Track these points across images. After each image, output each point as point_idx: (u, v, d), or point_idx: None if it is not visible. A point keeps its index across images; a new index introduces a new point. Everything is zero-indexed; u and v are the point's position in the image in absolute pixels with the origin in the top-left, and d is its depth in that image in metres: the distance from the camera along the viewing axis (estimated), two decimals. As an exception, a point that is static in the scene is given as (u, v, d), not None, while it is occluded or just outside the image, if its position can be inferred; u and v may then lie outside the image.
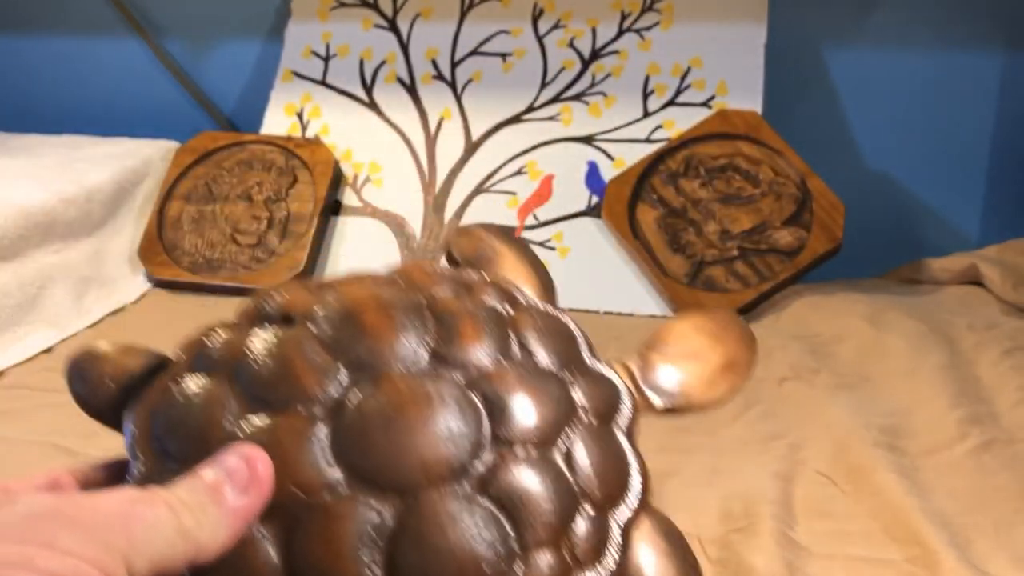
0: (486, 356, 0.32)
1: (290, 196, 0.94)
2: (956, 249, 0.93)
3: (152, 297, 0.90)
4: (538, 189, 0.92)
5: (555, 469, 0.31)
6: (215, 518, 0.26)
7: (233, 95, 1.16)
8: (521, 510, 0.29)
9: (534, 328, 0.35)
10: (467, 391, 0.31)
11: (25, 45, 1.23)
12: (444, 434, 0.29)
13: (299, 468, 0.28)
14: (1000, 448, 0.56)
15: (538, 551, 0.29)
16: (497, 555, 0.28)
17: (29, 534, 0.23)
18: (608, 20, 0.97)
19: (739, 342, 0.41)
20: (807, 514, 0.49)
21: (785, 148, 0.87)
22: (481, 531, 0.28)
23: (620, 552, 0.32)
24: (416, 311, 0.32)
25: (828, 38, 1.01)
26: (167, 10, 1.17)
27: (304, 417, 0.29)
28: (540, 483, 0.30)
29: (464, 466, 0.29)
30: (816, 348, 0.73)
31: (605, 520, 0.32)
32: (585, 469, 0.32)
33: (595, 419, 0.33)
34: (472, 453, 0.30)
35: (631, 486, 0.33)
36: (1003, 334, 0.72)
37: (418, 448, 0.29)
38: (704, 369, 0.39)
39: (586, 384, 0.34)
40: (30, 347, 0.75)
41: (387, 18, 1.03)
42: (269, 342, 0.31)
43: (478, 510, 0.29)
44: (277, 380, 0.30)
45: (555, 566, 0.29)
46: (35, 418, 0.63)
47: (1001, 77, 0.98)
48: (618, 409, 0.35)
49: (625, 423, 0.35)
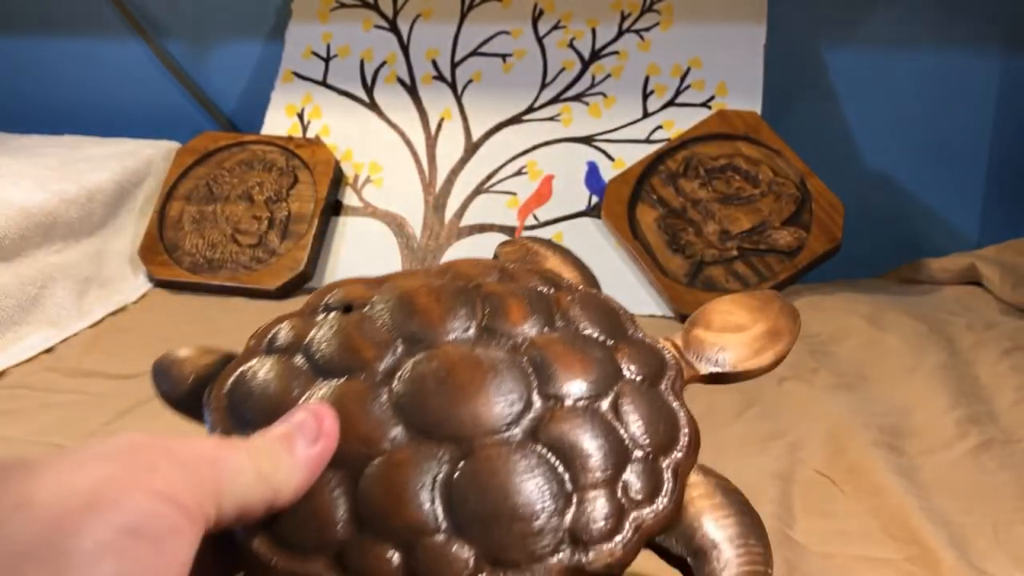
0: (532, 328, 0.35)
1: (291, 196, 0.94)
2: (955, 249, 0.93)
3: (153, 297, 0.90)
4: (538, 189, 0.92)
5: (603, 420, 0.32)
6: (289, 464, 0.28)
7: (234, 95, 1.17)
8: (572, 455, 0.31)
9: (578, 304, 0.37)
10: (514, 354, 0.33)
11: (26, 46, 1.23)
12: (494, 391, 0.31)
13: (362, 424, 0.30)
14: (999, 447, 0.56)
15: (592, 492, 0.30)
16: (552, 494, 0.30)
17: (134, 458, 0.24)
18: (608, 21, 0.98)
19: (781, 313, 0.42)
20: (806, 513, 0.49)
21: (784, 148, 0.87)
22: (534, 473, 0.30)
23: (674, 497, 0.32)
24: (465, 294, 0.35)
25: (827, 39, 1.01)
26: (168, 11, 1.17)
27: (365, 382, 0.32)
28: (589, 431, 0.31)
29: (515, 418, 0.31)
30: (815, 348, 0.73)
31: (658, 467, 0.32)
32: (634, 421, 0.33)
33: (641, 380, 0.35)
34: (522, 407, 0.32)
35: (680, 439, 0.34)
36: (1002, 334, 0.72)
37: (470, 403, 0.31)
38: (747, 337, 0.40)
39: (630, 350, 0.36)
40: (31, 347, 0.75)
41: (387, 19, 1.03)
42: (332, 326, 0.34)
43: (531, 455, 0.30)
44: (340, 354, 0.33)
45: (609, 507, 0.30)
46: (36, 418, 0.64)
47: (1000, 77, 0.98)
48: (664, 373, 0.36)
49: (672, 385, 0.36)
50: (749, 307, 0.42)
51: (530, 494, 0.29)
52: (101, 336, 0.79)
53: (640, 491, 0.31)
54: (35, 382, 0.70)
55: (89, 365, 0.73)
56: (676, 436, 0.34)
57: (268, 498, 0.27)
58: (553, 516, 0.29)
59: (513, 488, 0.29)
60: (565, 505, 0.30)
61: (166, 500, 0.23)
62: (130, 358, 0.74)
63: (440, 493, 0.29)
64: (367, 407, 0.31)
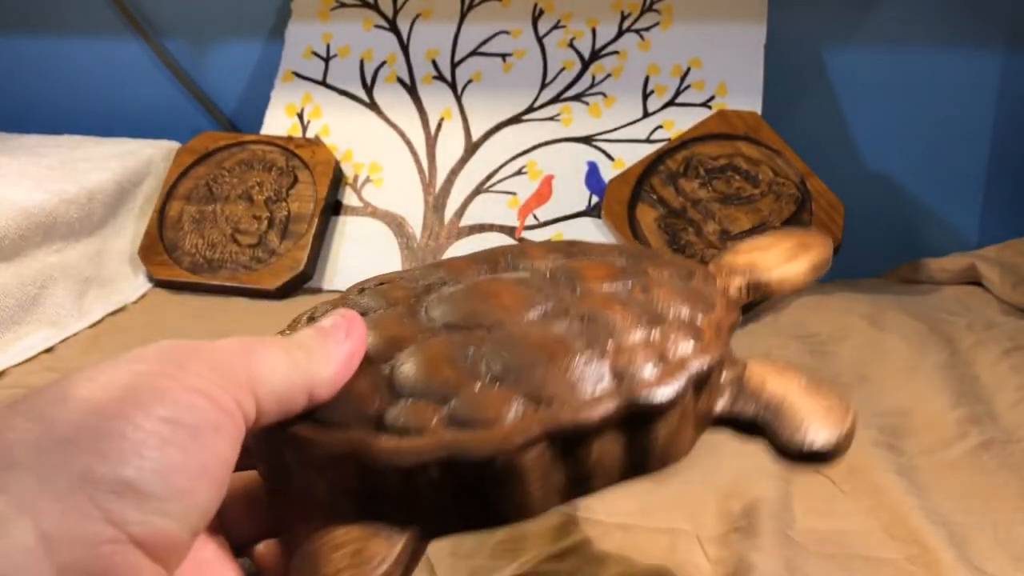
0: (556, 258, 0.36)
1: (291, 196, 0.94)
2: (955, 249, 0.93)
3: (153, 297, 0.90)
4: (538, 189, 0.92)
5: (634, 296, 0.32)
6: (322, 355, 0.28)
7: (234, 95, 1.17)
8: (606, 319, 0.30)
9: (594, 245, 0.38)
10: (540, 272, 0.34)
11: (25, 45, 1.23)
12: (523, 291, 0.32)
13: (400, 325, 0.31)
14: (999, 447, 0.56)
15: (631, 340, 0.30)
16: (589, 344, 0.29)
17: (167, 357, 0.24)
18: (608, 20, 0.98)
19: (809, 232, 0.41)
20: (806, 513, 0.49)
21: (784, 148, 0.87)
22: (570, 331, 0.30)
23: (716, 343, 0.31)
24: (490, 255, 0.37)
25: (828, 39, 1.01)
26: (168, 10, 1.17)
27: (401, 308, 0.33)
28: (621, 304, 0.31)
29: (542, 302, 0.32)
30: (815, 348, 0.73)
31: (695, 323, 0.32)
32: (664, 297, 0.32)
33: (670, 276, 0.35)
34: (548, 297, 0.32)
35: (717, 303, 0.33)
36: (1002, 334, 0.72)
37: (500, 301, 0.31)
38: (777, 250, 0.39)
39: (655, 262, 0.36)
40: (30, 347, 0.75)
41: (387, 19, 1.03)
42: (368, 289, 0.36)
43: (564, 321, 0.30)
44: (379, 297, 0.34)
45: (649, 352, 0.30)
46: (36, 417, 0.64)
47: (1000, 77, 0.98)
48: (693, 275, 0.36)
49: (703, 281, 0.35)
50: (777, 232, 0.41)
51: (566, 345, 0.29)
52: (101, 336, 0.79)
53: (679, 338, 0.30)
54: (35, 382, 0.70)
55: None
56: (712, 304, 0.33)
57: (306, 388, 0.27)
58: (593, 360, 0.29)
59: (550, 341, 0.29)
60: (603, 353, 0.29)
61: (202, 396, 0.24)
62: (130, 358, 0.74)
63: (476, 356, 0.29)
64: (402, 320, 0.32)
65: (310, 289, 0.91)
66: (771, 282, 0.38)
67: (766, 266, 0.38)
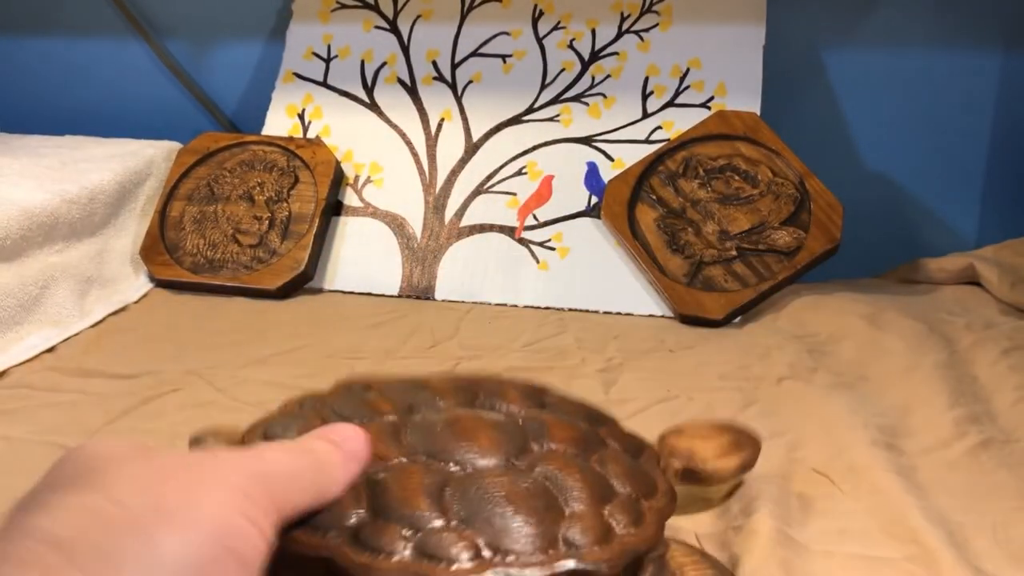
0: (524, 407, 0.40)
1: (291, 196, 0.94)
2: (954, 249, 0.93)
3: (154, 297, 0.90)
4: (538, 189, 0.92)
5: (590, 467, 0.37)
6: (340, 476, 0.31)
7: (235, 96, 1.17)
8: (564, 484, 0.35)
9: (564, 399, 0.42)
10: (513, 417, 0.39)
11: (27, 46, 1.23)
12: (495, 434, 0.36)
13: (381, 448, 0.35)
14: (998, 447, 0.56)
15: (581, 510, 0.34)
16: (547, 508, 0.33)
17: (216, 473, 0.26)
18: (607, 21, 0.98)
19: (743, 431, 0.48)
20: (805, 512, 0.49)
21: (783, 149, 0.87)
22: (532, 491, 0.34)
23: (655, 528, 0.36)
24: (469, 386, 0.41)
25: (827, 39, 1.01)
26: (169, 11, 1.17)
27: (382, 422, 0.37)
28: (578, 471, 0.35)
29: (513, 454, 0.36)
30: (814, 348, 0.74)
31: (640, 505, 0.36)
32: (617, 472, 0.37)
33: (623, 450, 0.40)
34: (519, 448, 0.36)
35: (660, 490, 0.38)
36: (1001, 334, 0.72)
37: (474, 440, 0.36)
38: (714, 443, 0.45)
39: (614, 432, 0.41)
40: (32, 347, 0.75)
41: (388, 20, 1.03)
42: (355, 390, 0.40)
43: (528, 479, 0.34)
44: (359, 409, 0.38)
45: (597, 525, 0.34)
46: (37, 418, 0.64)
47: (999, 77, 0.98)
48: (643, 451, 0.41)
49: (650, 460, 0.41)
50: (714, 426, 0.47)
51: (528, 505, 0.33)
52: (102, 336, 0.80)
53: (624, 519, 0.35)
54: (36, 382, 0.70)
55: (90, 365, 0.73)
56: (655, 488, 0.38)
57: (315, 506, 0.30)
58: (548, 524, 0.33)
59: (513, 497, 0.33)
60: (558, 518, 0.33)
61: (249, 519, 0.25)
62: (131, 358, 0.74)
63: (447, 493, 0.33)
64: (385, 438, 0.35)
65: (311, 289, 0.92)
66: (703, 472, 0.44)
67: (702, 457, 0.44)
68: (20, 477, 0.27)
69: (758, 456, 0.47)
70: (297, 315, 0.85)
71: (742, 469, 0.46)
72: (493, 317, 0.84)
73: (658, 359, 0.73)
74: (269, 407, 0.69)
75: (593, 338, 0.77)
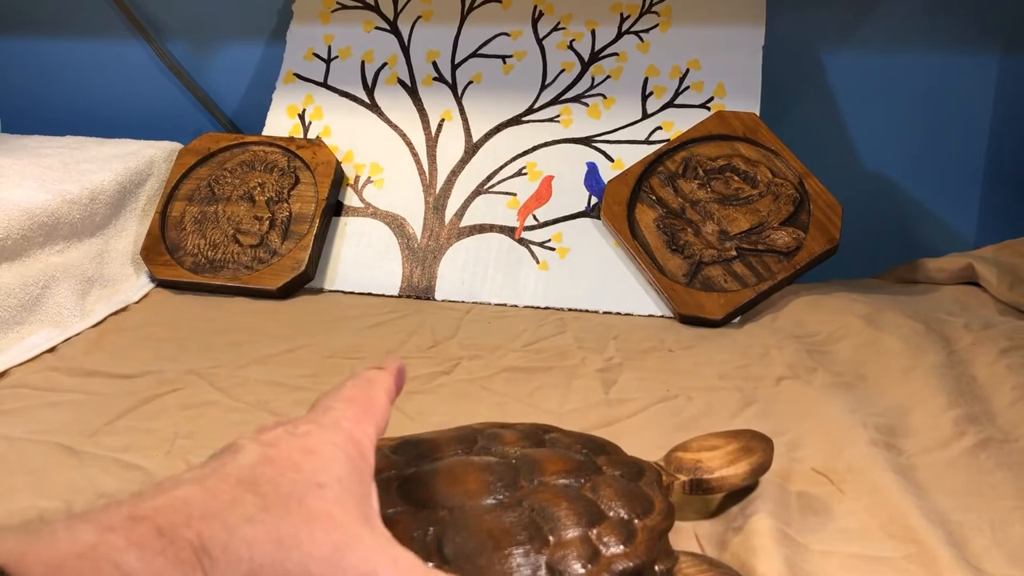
0: (520, 447, 0.41)
1: (292, 197, 0.94)
2: (952, 249, 0.94)
3: (154, 297, 0.90)
4: (538, 190, 0.93)
5: (581, 494, 0.37)
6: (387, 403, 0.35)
7: (235, 97, 1.17)
8: (552, 514, 0.36)
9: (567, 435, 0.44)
10: (505, 457, 0.40)
11: (28, 47, 1.23)
12: (486, 475, 0.37)
13: None
14: (996, 446, 0.57)
15: (569, 536, 0.35)
16: (531, 537, 0.34)
17: None
18: (607, 22, 0.98)
19: (753, 436, 0.48)
20: (804, 512, 0.49)
21: (783, 149, 0.87)
22: (517, 523, 0.35)
23: (648, 544, 0.37)
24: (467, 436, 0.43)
25: (825, 40, 1.02)
26: (170, 12, 1.17)
27: (378, 479, 0.36)
28: (568, 500, 0.37)
29: (501, 491, 0.37)
30: (813, 347, 0.74)
31: (632, 524, 0.37)
32: (609, 496, 0.38)
33: (620, 476, 0.40)
34: (507, 486, 0.37)
35: (656, 508, 0.39)
36: (999, 334, 0.73)
37: (462, 483, 0.37)
38: (721, 452, 0.46)
39: (610, 460, 0.42)
40: (33, 346, 0.75)
41: (388, 20, 1.03)
42: None
43: (514, 512, 0.35)
44: None
45: (584, 549, 0.35)
46: (38, 417, 0.64)
47: (997, 79, 0.99)
48: (643, 474, 0.42)
49: (650, 482, 0.41)
50: (724, 434, 0.48)
51: (512, 535, 0.34)
52: (103, 336, 0.80)
53: (613, 539, 0.36)
54: (37, 381, 0.70)
55: (91, 365, 0.73)
56: (651, 507, 0.39)
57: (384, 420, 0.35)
58: (532, 553, 0.34)
59: (498, 531, 0.34)
60: (543, 546, 0.34)
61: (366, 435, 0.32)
62: (132, 358, 0.74)
63: (432, 536, 0.34)
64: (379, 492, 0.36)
65: (311, 289, 0.92)
66: (712, 481, 0.45)
67: (709, 468, 0.45)
68: (20, 477, 0.27)
69: (771, 459, 0.48)
70: (297, 315, 0.85)
71: (754, 474, 0.47)
72: (493, 317, 0.84)
73: (658, 359, 0.73)
74: (269, 407, 0.69)
75: (593, 338, 0.78)
